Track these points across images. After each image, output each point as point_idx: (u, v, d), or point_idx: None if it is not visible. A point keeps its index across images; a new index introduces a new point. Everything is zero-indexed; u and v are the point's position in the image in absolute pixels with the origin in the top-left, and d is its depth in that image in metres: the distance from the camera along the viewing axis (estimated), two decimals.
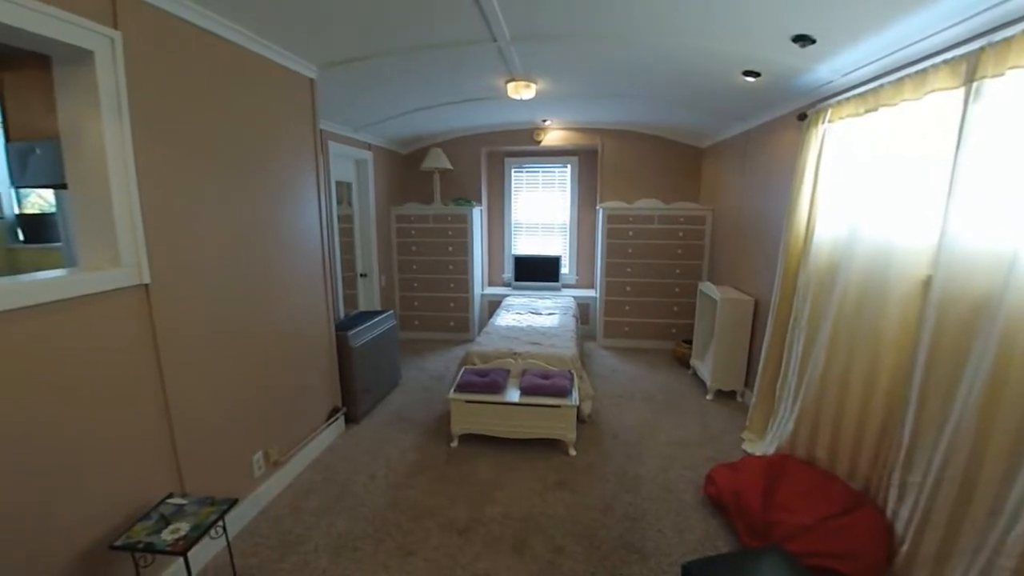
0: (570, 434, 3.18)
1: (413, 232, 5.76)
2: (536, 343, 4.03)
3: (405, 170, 5.98)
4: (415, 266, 5.83)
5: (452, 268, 5.75)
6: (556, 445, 3.25)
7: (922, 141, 2.13)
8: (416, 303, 5.92)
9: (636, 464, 3.08)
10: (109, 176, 1.78)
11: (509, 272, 6.42)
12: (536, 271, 6.20)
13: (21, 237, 4.70)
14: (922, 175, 2.13)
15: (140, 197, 1.89)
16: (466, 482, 2.90)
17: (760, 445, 3.18)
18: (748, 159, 4.21)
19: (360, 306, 5.08)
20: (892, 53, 2.32)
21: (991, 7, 1.77)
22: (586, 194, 6.13)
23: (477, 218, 5.84)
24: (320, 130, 3.19)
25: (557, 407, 3.16)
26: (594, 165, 5.86)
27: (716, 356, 4.04)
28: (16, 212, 4.77)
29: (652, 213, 5.34)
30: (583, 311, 5.81)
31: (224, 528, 1.93)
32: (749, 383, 3.93)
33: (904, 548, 2.01)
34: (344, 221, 4.77)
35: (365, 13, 2.36)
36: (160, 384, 2.02)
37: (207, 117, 2.25)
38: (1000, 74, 1.70)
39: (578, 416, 3.29)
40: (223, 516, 1.87)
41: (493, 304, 5.94)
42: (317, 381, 3.24)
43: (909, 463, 2.08)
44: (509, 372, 3.54)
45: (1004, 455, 1.66)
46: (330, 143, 4.21)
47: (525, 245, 6.46)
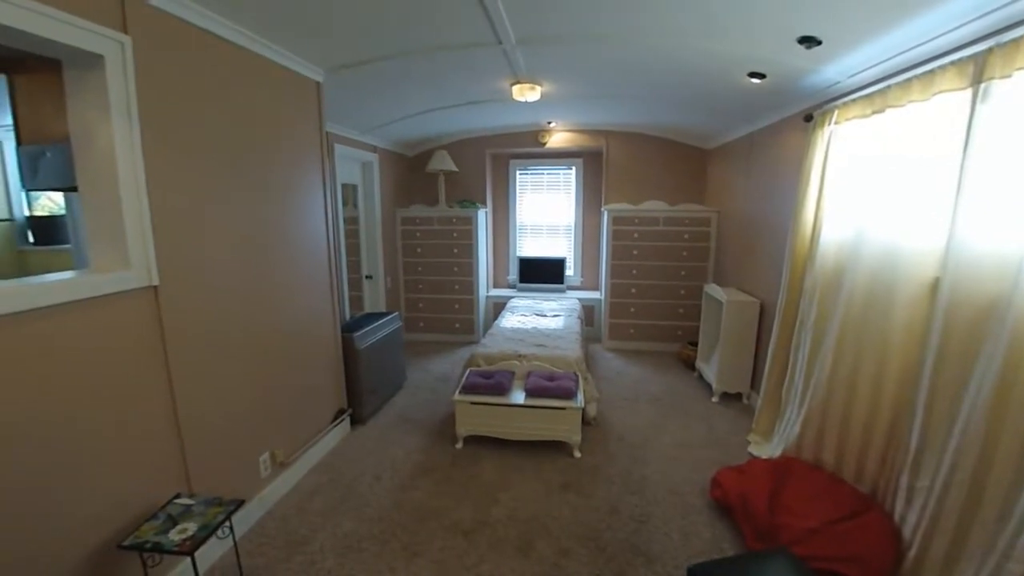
0: (575, 436, 3.18)
1: (418, 234, 5.77)
2: (541, 345, 4.03)
3: (410, 172, 6.01)
4: (420, 268, 5.85)
5: (457, 270, 5.76)
6: (561, 447, 3.25)
7: (929, 142, 2.12)
8: (421, 305, 5.93)
9: (641, 466, 3.08)
10: (119, 179, 1.80)
11: (514, 274, 6.42)
12: (541, 273, 6.20)
13: (31, 239, 4.75)
14: (929, 177, 2.12)
15: (149, 199, 1.91)
16: (471, 484, 2.90)
17: (766, 448, 3.17)
18: (753, 161, 4.20)
19: (366, 308, 5.10)
20: (899, 54, 2.31)
21: (999, 8, 1.76)
22: (591, 196, 6.13)
23: (482, 220, 5.85)
24: (326, 133, 3.22)
25: (562, 409, 3.15)
26: (599, 167, 5.86)
27: (722, 358, 4.03)
28: (26, 214, 4.83)
29: (657, 215, 5.33)
30: (588, 313, 5.80)
31: (231, 528, 1.94)
32: (755, 385, 3.91)
33: (912, 552, 2.00)
34: (350, 223, 4.80)
35: (371, 17, 2.37)
36: (168, 385, 2.03)
37: (215, 120, 2.27)
38: (1008, 75, 1.69)
39: (583, 418, 3.29)
40: (230, 516, 1.88)
41: (498, 306, 5.95)
42: (323, 382, 3.25)
43: (917, 467, 2.06)
44: (514, 374, 3.55)
45: (1013, 459, 1.64)
46: (336, 145, 4.23)
47: (530, 247, 6.46)
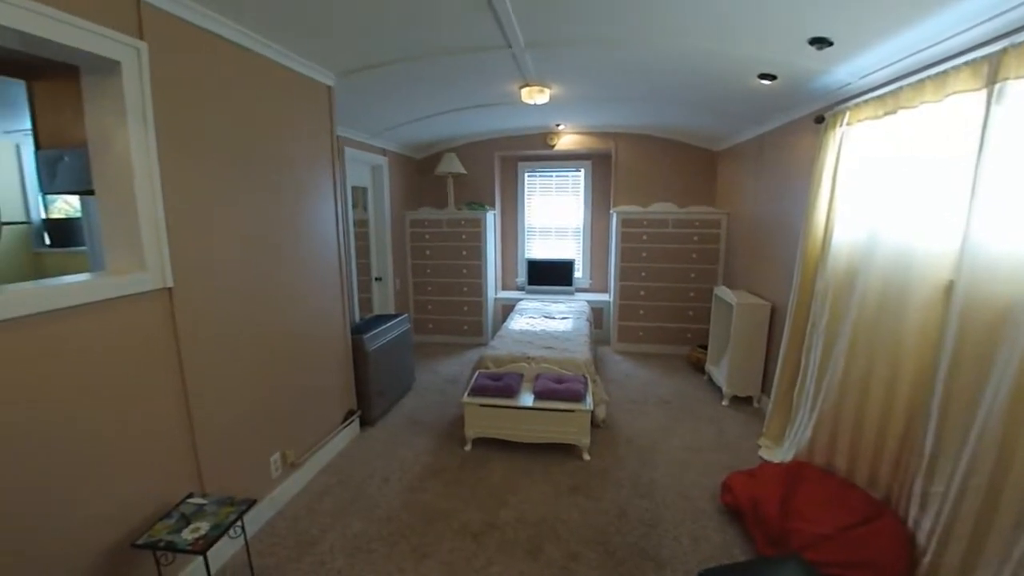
0: (584, 439, 3.17)
1: (427, 236, 5.80)
2: (550, 347, 4.03)
3: (419, 175, 6.04)
4: (429, 270, 5.87)
5: (466, 272, 5.78)
6: (570, 450, 3.24)
7: (943, 144, 2.09)
8: (430, 307, 5.95)
9: (651, 470, 3.06)
10: (134, 182, 1.83)
11: (522, 276, 6.43)
12: (549, 275, 6.20)
13: (47, 241, 4.84)
14: (943, 178, 2.09)
15: (164, 203, 1.94)
16: (480, 486, 2.90)
17: (777, 452, 3.14)
18: (764, 162, 4.17)
19: (375, 310, 5.12)
20: (912, 55, 2.29)
21: (1013, 7, 1.74)
22: (600, 198, 6.12)
23: (491, 222, 5.86)
24: (337, 136, 3.24)
25: (571, 412, 3.15)
26: (608, 169, 5.85)
27: (732, 361, 4.00)
28: (43, 217, 4.91)
29: (666, 217, 5.31)
30: (596, 316, 5.79)
31: (243, 528, 1.96)
32: (766, 389, 3.88)
33: (926, 559, 1.97)
34: (359, 225, 4.83)
35: (382, 22, 2.39)
36: (182, 385, 2.06)
37: (228, 125, 2.30)
38: (1023, 76, 1.67)
39: (592, 421, 3.28)
40: (242, 516, 1.90)
41: (507, 308, 5.95)
42: (333, 383, 3.28)
43: (931, 472, 2.03)
44: (523, 376, 3.54)
45: None
46: (346, 149, 4.26)
47: (539, 249, 6.46)
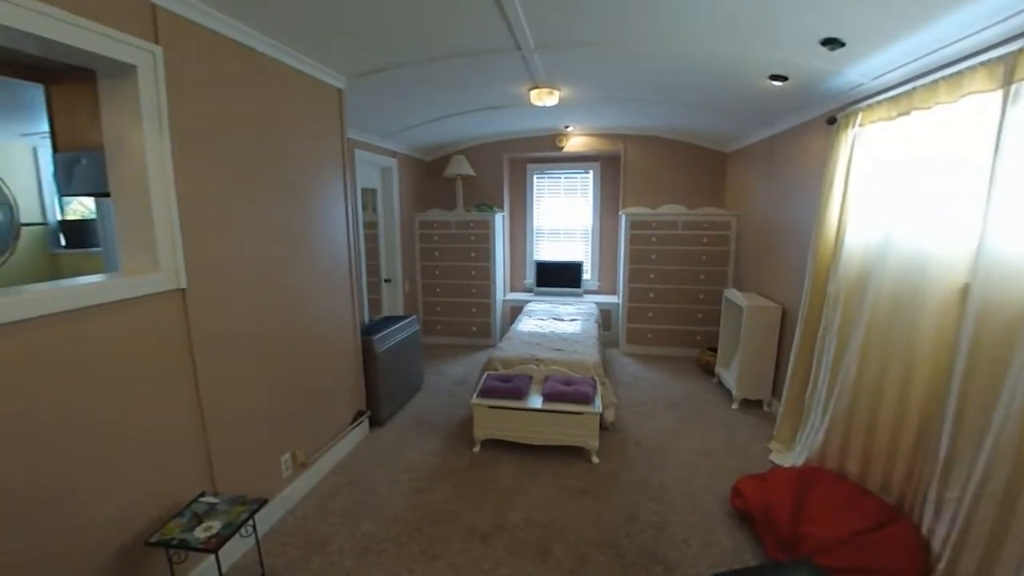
0: (593, 441, 3.16)
1: (436, 238, 5.82)
2: (558, 349, 4.02)
3: (428, 177, 6.06)
4: (438, 271, 5.89)
5: (474, 274, 5.79)
6: (579, 452, 3.23)
7: (958, 145, 2.07)
8: (439, 308, 5.97)
9: (660, 473, 3.05)
10: (149, 185, 1.86)
11: (531, 278, 6.43)
12: (558, 277, 6.19)
13: (63, 242, 4.91)
14: (958, 180, 2.07)
15: (178, 204, 1.96)
16: (488, 487, 2.90)
17: (788, 456, 3.11)
18: (775, 164, 4.14)
19: (384, 311, 5.15)
20: (925, 55, 2.27)
21: None
22: (608, 200, 6.11)
23: (499, 224, 5.87)
24: (347, 139, 3.26)
25: (580, 414, 3.14)
26: (617, 171, 5.84)
27: (742, 364, 3.97)
28: (59, 218, 4.99)
29: (676, 218, 5.29)
30: (605, 317, 5.78)
31: (254, 527, 1.98)
32: (776, 392, 3.85)
33: (941, 566, 1.94)
34: (369, 227, 4.85)
35: (393, 25, 2.41)
36: (195, 385, 2.08)
37: (240, 128, 2.33)
38: None
39: (601, 423, 3.27)
40: (253, 515, 1.91)
41: (515, 310, 5.96)
42: (342, 384, 3.29)
43: (946, 477, 2.00)
44: (532, 378, 3.54)
45: None
46: (356, 151, 4.29)
47: (547, 251, 6.46)
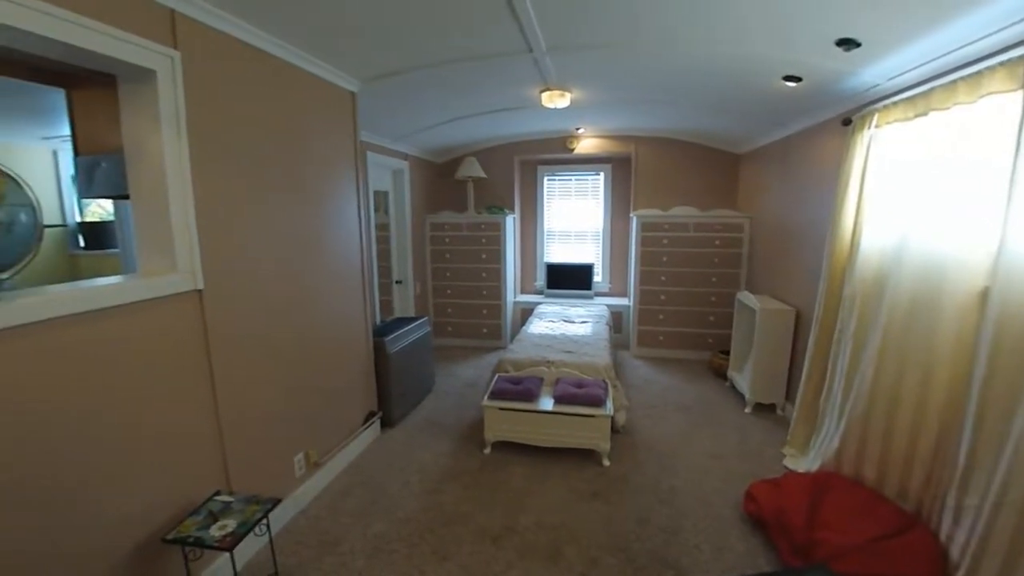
0: (604, 444, 3.15)
1: (447, 240, 5.84)
2: (569, 351, 4.01)
3: (440, 179, 6.08)
4: (449, 273, 5.90)
5: (485, 275, 5.80)
6: (589, 455, 3.22)
7: (977, 146, 2.04)
8: (449, 310, 5.99)
9: (671, 476, 3.03)
10: (168, 187, 1.89)
11: (541, 280, 6.42)
12: (568, 279, 6.18)
13: (82, 243, 5.00)
14: (977, 181, 2.04)
15: (195, 207, 1.99)
16: (499, 489, 2.91)
17: (802, 461, 3.08)
18: (788, 165, 4.10)
19: (395, 312, 5.17)
20: (943, 55, 2.23)
21: None
22: (619, 202, 6.09)
23: (510, 226, 5.88)
24: (359, 141, 3.29)
25: (591, 416, 3.13)
26: (628, 172, 5.82)
27: (755, 368, 3.93)
28: (77, 220, 5.08)
29: (687, 220, 5.26)
30: (616, 320, 5.75)
31: (268, 526, 1.99)
32: (790, 396, 3.81)
33: (960, 574, 1.90)
34: (381, 229, 4.88)
35: (405, 29, 2.43)
36: (211, 385, 2.11)
37: (256, 131, 2.36)
38: None
39: (612, 426, 3.25)
40: (267, 514, 1.93)
41: (525, 312, 5.96)
42: (354, 385, 3.32)
43: (965, 484, 1.97)
44: (543, 380, 3.54)
45: None
46: (368, 153, 4.32)
47: (557, 253, 6.46)
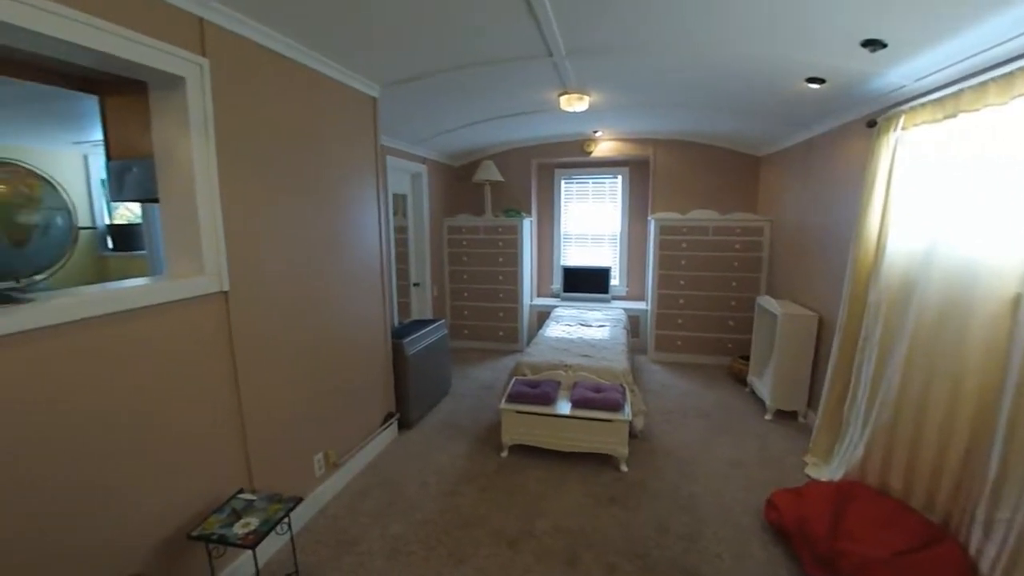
0: (622, 449, 3.12)
1: (464, 243, 5.86)
2: (587, 355, 4.00)
3: (457, 182, 6.12)
4: (466, 276, 5.93)
5: (502, 279, 5.81)
6: (607, 460, 3.20)
7: (1009, 148, 1.99)
8: (466, 313, 6.01)
9: (690, 483, 2.99)
10: (196, 191, 1.94)
11: (558, 283, 6.41)
12: (585, 282, 6.16)
13: (110, 245, 5.14)
14: (1010, 184, 1.98)
15: (223, 211, 2.04)
16: (516, 493, 2.90)
17: (825, 470, 3.01)
18: (811, 168, 4.04)
19: (413, 315, 5.21)
20: (973, 56, 2.18)
21: None
22: (637, 205, 6.05)
23: (527, 229, 5.88)
24: (379, 145, 3.33)
25: (609, 421, 3.11)
26: (646, 175, 5.79)
27: (776, 374, 3.87)
28: (107, 222, 5.23)
29: (707, 224, 5.20)
30: (633, 324, 5.71)
31: (289, 525, 2.02)
32: (812, 403, 3.73)
33: None
34: (399, 232, 4.94)
35: (427, 35, 2.46)
36: (235, 385, 2.15)
37: (280, 136, 2.40)
38: None
39: (630, 431, 3.23)
40: (289, 513, 1.96)
41: (542, 315, 5.95)
42: (373, 386, 3.35)
43: (996, 497, 1.92)
44: (560, 384, 3.53)
45: None
46: (388, 157, 4.37)
47: (574, 256, 6.44)
